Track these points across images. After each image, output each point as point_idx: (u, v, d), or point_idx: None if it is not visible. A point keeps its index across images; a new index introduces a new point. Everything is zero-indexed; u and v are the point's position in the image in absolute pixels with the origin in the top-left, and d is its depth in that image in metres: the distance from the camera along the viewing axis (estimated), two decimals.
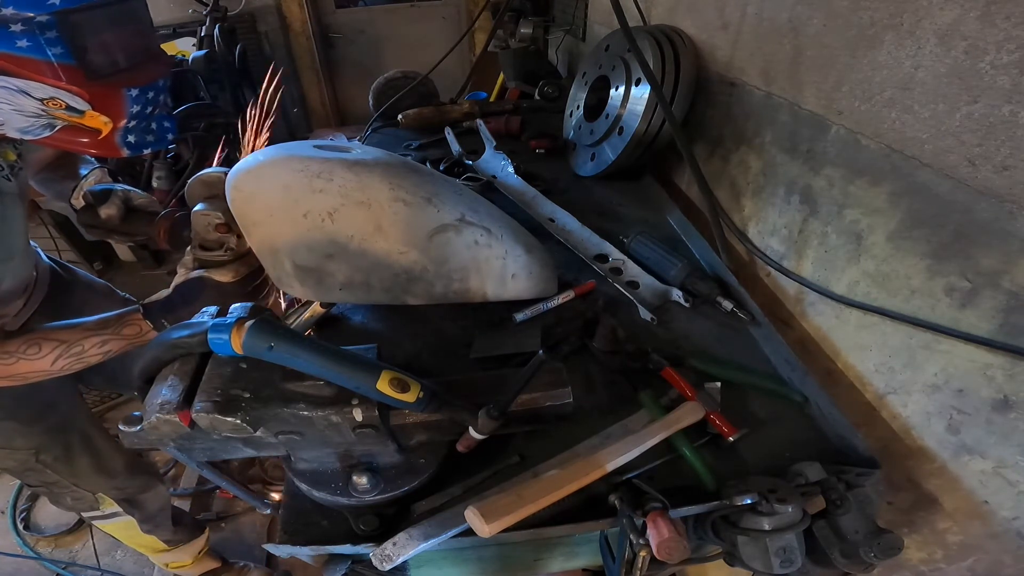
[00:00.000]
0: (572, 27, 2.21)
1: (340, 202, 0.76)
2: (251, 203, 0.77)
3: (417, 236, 0.79)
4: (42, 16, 0.62)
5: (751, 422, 0.72)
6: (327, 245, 0.77)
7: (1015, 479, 0.59)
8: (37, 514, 1.98)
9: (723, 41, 1.09)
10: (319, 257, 0.77)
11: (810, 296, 0.89)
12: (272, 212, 0.77)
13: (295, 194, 0.75)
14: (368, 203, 0.76)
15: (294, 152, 0.80)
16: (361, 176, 0.77)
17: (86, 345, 0.78)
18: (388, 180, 0.78)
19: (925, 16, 0.63)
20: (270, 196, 0.76)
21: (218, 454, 0.63)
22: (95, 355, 0.79)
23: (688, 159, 1.00)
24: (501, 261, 0.86)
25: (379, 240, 0.78)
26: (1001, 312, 0.58)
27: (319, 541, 0.61)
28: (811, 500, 0.60)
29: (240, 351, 0.53)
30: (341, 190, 0.76)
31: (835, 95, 0.79)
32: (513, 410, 0.59)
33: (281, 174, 0.77)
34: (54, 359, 0.77)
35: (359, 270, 0.79)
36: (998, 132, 0.56)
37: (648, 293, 0.98)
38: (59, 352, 0.77)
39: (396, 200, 0.78)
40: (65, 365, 0.78)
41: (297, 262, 0.78)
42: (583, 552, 0.82)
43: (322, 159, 0.77)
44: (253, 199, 0.77)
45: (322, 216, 0.75)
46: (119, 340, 0.80)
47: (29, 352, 0.76)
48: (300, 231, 0.76)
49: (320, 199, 0.75)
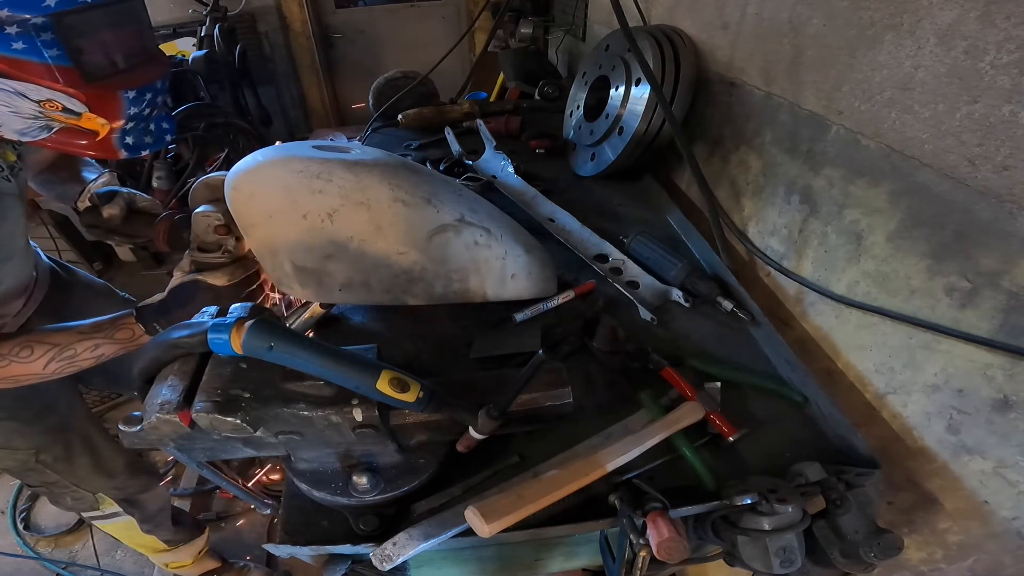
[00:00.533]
0: (572, 27, 2.21)
1: (339, 203, 0.76)
2: (250, 204, 0.77)
3: (417, 237, 0.79)
4: (37, 18, 0.61)
5: (751, 422, 0.72)
6: (326, 246, 0.77)
7: (1015, 479, 0.59)
8: (37, 514, 1.98)
9: (723, 41, 1.09)
10: (318, 258, 0.77)
11: (810, 296, 0.89)
12: (271, 213, 0.77)
13: (294, 195, 0.75)
14: (368, 204, 0.76)
15: (293, 153, 0.80)
16: (360, 176, 0.77)
17: (78, 349, 0.78)
18: (388, 180, 0.78)
19: (925, 16, 0.63)
20: (269, 197, 0.76)
21: (218, 454, 0.63)
22: (87, 359, 0.79)
23: (688, 159, 1.00)
24: (501, 261, 0.86)
25: (379, 241, 0.78)
26: (1001, 312, 0.58)
27: (319, 541, 0.61)
28: (811, 500, 0.60)
29: (240, 351, 0.53)
30: (340, 191, 0.76)
31: (835, 95, 0.79)
32: (513, 410, 0.59)
33: (280, 175, 0.77)
34: (46, 363, 0.77)
35: (359, 271, 0.79)
36: (998, 132, 0.56)
37: (648, 293, 0.97)
38: (51, 356, 0.77)
39: (396, 200, 0.78)
40: (57, 369, 0.78)
41: (296, 263, 0.78)
42: (583, 552, 0.82)
43: (321, 160, 0.77)
44: (252, 200, 0.77)
45: (321, 217, 0.75)
46: (112, 344, 0.79)
47: (22, 355, 0.76)
48: (299, 232, 0.76)
49: (319, 200, 0.75)
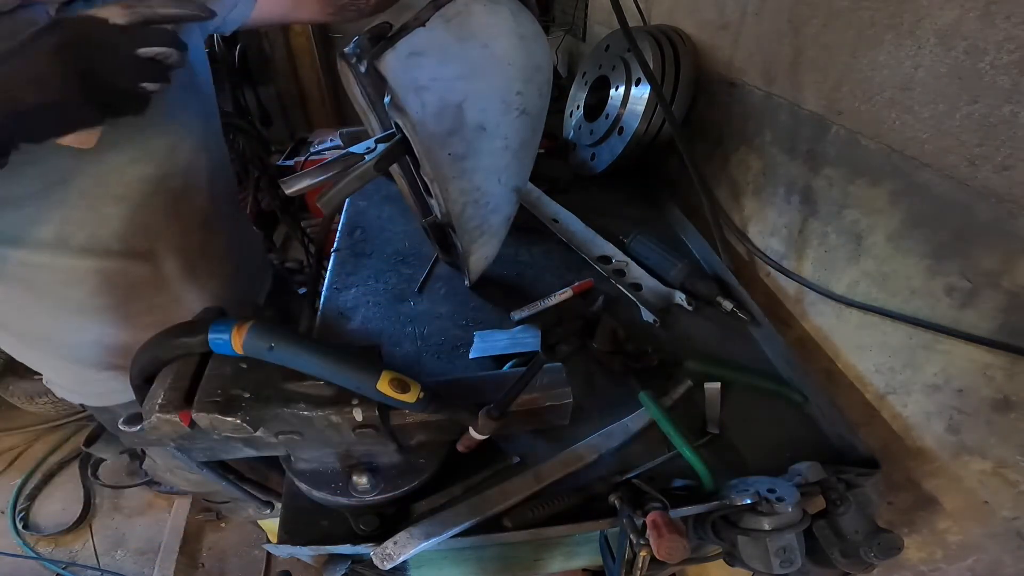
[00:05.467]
0: (572, 27, 2.21)
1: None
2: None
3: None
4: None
5: (751, 422, 0.73)
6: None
7: (1015, 479, 0.59)
8: (37, 514, 1.98)
9: (723, 41, 1.09)
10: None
11: (810, 296, 0.89)
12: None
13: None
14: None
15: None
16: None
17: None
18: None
19: (925, 16, 0.63)
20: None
21: (218, 454, 0.63)
22: None
23: (688, 159, 1.00)
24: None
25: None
26: (1001, 312, 0.58)
27: (319, 541, 0.61)
28: (811, 500, 0.60)
29: (241, 351, 0.53)
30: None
31: (835, 95, 0.79)
32: (513, 410, 0.59)
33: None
34: None
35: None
36: (998, 132, 0.56)
37: (651, 295, 0.98)
38: None
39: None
40: None
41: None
42: (583, 552, 0.82)
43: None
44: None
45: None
46: None
47: None
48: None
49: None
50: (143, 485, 2.05)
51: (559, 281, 1.00)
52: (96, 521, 1.98)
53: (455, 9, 0.63)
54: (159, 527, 1.91)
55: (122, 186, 0.73)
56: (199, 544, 1.90)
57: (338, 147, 2.64)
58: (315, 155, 2.66)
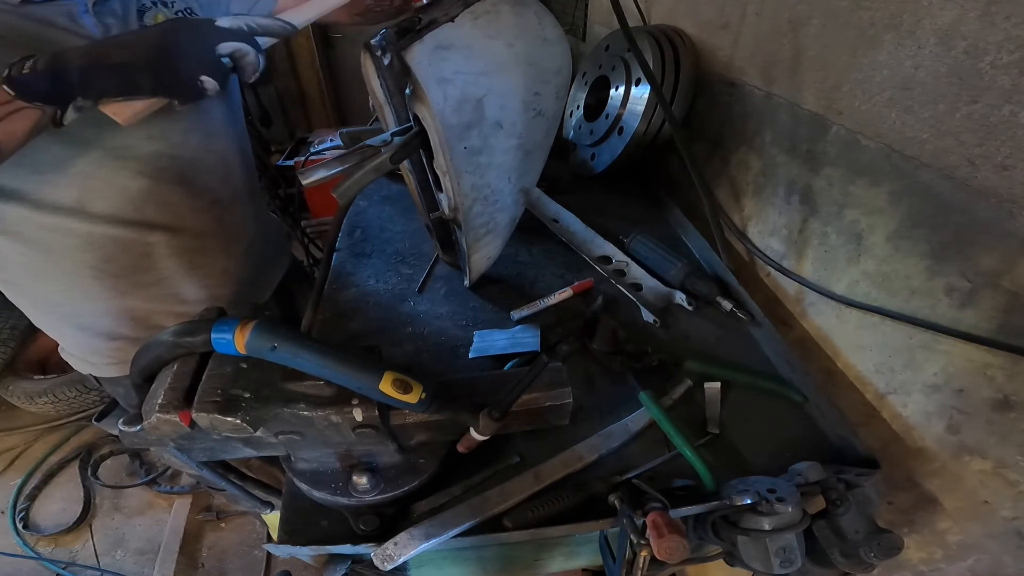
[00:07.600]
0: (572, 27, 2.21)
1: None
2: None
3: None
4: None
5: (751, 422, 0.73)
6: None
7: (1015, 479, 0.59)
8: (37, 514, 1.98)
9: (723, 41, 1.09)
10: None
11: (810, 296, 0.89)
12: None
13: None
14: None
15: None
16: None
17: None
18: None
19: (925, 16, 0.63)
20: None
21: (218, 454, 0.63)
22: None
23: (688, 159, 1.00)
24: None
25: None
26: (1001, 312, 0.58)
27: (319, 541, 0.61)
28: (811, 500, 0.60)
29: (243, 351, 0.53)
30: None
31: (835, 95, 0.79)
32: (513, 410, 0.59)
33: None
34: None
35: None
36: (998, 132, 0.56)
37: (651, 295, 0.98)
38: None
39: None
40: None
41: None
42: (583, 552, 0.82)
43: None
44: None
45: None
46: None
47: None
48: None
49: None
50: (143, 485, 2.06)
51: (559, 281, 1.00)
52: (96, 521, 1.98)
53: (483, 8, 0.66)
54: (159, 527, 1.91)
55: (139, 162, 0.78)
56: (199, 544, 1.90)
57: (338, 147, 2.64)
58: (315, 155, 2.67)
